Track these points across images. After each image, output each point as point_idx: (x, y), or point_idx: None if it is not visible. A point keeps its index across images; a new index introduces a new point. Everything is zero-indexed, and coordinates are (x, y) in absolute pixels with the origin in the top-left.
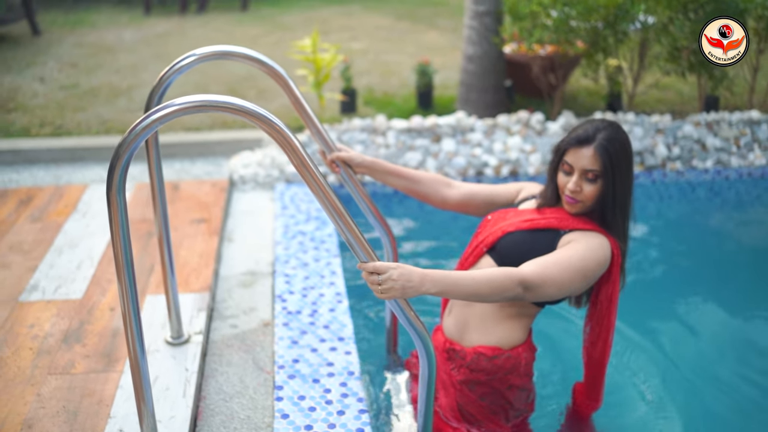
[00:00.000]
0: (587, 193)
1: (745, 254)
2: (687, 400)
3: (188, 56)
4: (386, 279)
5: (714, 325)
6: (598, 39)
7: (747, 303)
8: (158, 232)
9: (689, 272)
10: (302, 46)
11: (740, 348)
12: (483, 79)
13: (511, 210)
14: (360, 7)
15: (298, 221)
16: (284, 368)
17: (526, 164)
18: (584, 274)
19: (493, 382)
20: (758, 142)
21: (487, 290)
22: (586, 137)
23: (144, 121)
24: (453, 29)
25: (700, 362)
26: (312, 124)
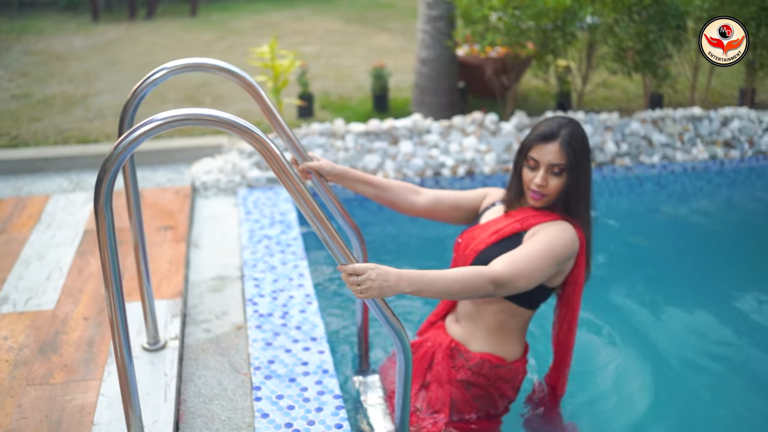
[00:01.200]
0: (552, 187)
1: (691, 243)
2: (648, 386)
3: (160, 69)
4: (365, 279)
5: (667, 310)
6: (548, 41)
7: (693, 287)
8: (133, 240)
9: (639, 262)
10: (261, 52)
11: (691, 330)
12: (437, 81)
13: (476, 228)
14: (310, 11)
15: (262, 225)
16: (260, 369)
17: (482, 164)
18: (553, 259)
19: (490, 387)
20: (701, 137)
21: (460, 288)
22: (551, 133)
23: (130, 136)
24: (403, 32)
25: (657, 347)
26: (284, 133)
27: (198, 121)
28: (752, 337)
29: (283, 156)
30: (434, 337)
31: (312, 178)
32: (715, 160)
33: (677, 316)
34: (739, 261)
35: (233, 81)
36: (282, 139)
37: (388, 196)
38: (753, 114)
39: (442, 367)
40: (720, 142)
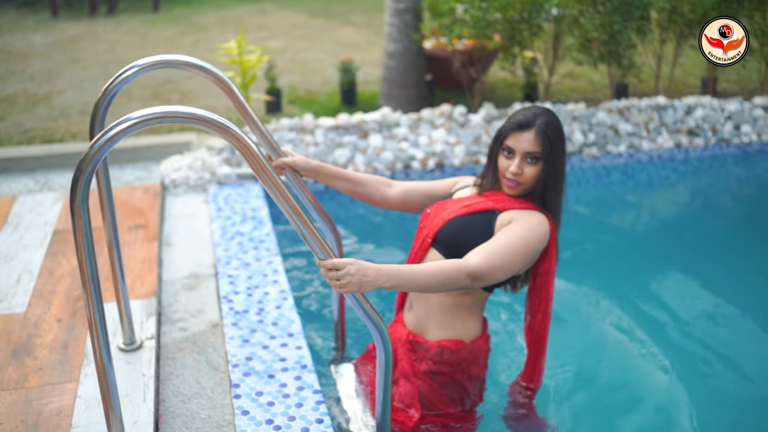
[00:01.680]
0: (528, 175)
1: (658, 231)
2: (619, 375)
3: (131, 67)
4: (344, 274)
5: (636, 298)
6: (515, 33)
7: (662, 274)
8: (107, 240)
9: (608, 250)
10: (228, 48)
11: (660, 316)
12: (405, 74)
13: (448, 200)
14: (273, 5)
15: (234, 222)
16: (238, 366)
17: (452, 156)
18: (527, 254)
19: (455, 373)
20: (666, 126)
21: (438, 282)
22: (527, 122)
23: (105, 135)
24: (368, 25)
25: (627, 334)
26: (257, 129)
27: (174, 119)
28: (723, 319)
29: (261, 152)
30: (394, 333)
31: (286, 174)
32: (680, 149)
33: (647, 303)
34: (706, 247)
35: (206, 77)
36: (255, 135)
37: (362, 189)
38: (715, 102)
39: (406, 361)
40: (684, 130)
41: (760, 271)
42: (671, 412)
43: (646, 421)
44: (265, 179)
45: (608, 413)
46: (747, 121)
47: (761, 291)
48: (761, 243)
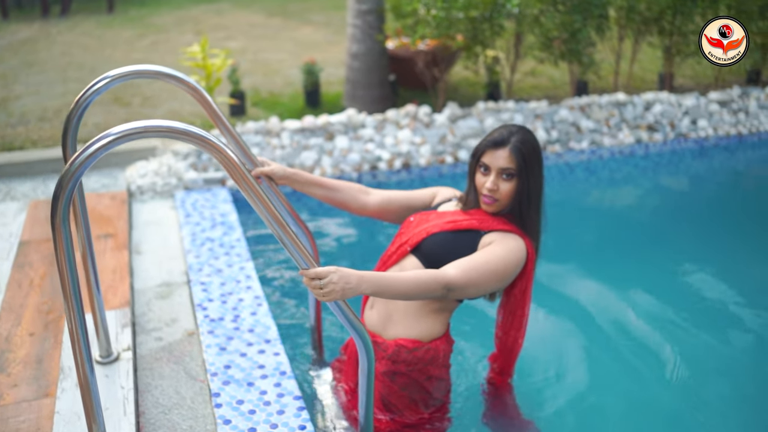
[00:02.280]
0: (504, 192)
1: (621, 225)
2: (591, 371)
3: (103, 78)
4: (327, 283)
5: (602, 291)
6: (477, 32)
7: (627, 267)
8: (81, 250)
9: (572, 246)
10: (192, 52)
11: (627, 309)
12: (369, 75)
13: (432, 212)
14: (230, 5)
15: (204, 228)
16: (217, 375)
17: (417, 156)
18: (503, 275)
19: (413, 373)
20: (626, 121)
21: (416, 291)
22: (501, 140)
23: (86, 151)
24: (327, 24)
25: (595, 329)
26: (232, 139)
27: (154, 133)
28: (689, 311)
29: (243, 164)
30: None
31: (262, 183)
32: (641, 144)
33: (611, 297)
34: (668, 240)
35: (180, 87)
36: (230, 144)
37: (338, 196)
38: (673, 98)
39: None
40: (644, 126)
41: (720, 261)
42: (654, 409)
43: (630, 420)
44: (248, 191)
45: (591, 412)
46: (703, 116)
47: (723, 280)
48: (721, 234)
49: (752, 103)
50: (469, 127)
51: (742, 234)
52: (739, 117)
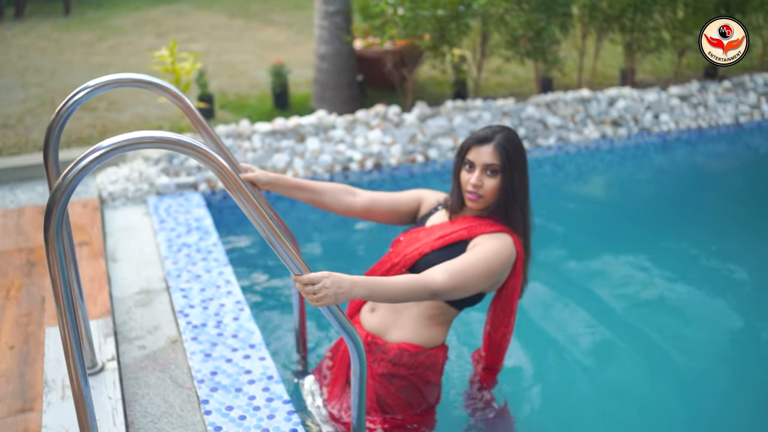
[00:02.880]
0: (488, 188)
1: (587, 218)
2: (568, 367)
3: (84, 88)
4: (320, 288)
5: (576, 286)
6: (444, 32)
7: (596, 261)
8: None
9: (541, 240)
10: (161, 56)
11: (598, 302)
12: (337, 76)
13: (422, 229)
14: (190, 6)
15: (179, 234)
16: (204, 382)
17: (388, 156)
18: (489, 275)
19: (413, 377)
20: (591, 117)
21: (406, 295)
22: (486, 137)
23: (78, 165)
24: (290, 25)
25: (568, 324)
26: (216, 146)
27: (146, 144)
28: (659, 301)
29: (237, 173)
30: (342, 342)
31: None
32: (606, 139)
33: (582, 289)
34: (635, 232)
35: (163, 95)
36: (214, 151)
37: (323, 199)
38: (635, 93)
39: None
40: (608, 121)
41: (687, 252)
42: (634, 403)
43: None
44: (241, 200)
45: (578, 407)
46: (665, 110)
47: (691, 270)
48: (686, 225)
49: (710, 97)
50: (439, 126)
51: (704, 224)
52: (699, 111)
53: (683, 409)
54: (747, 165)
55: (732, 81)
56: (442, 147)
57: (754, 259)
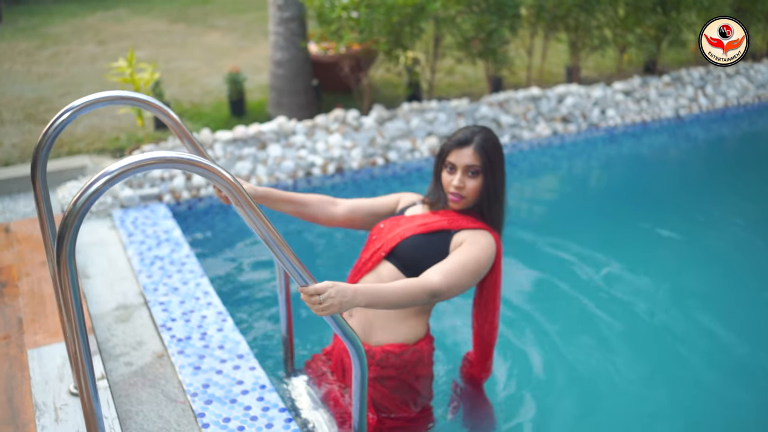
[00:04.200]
0: (470, 189)
1: (540, 214)
2: (552, 353)
3: (67, 110)
4: (326, 298)
5: (539, 281)
6: (399, 35)
7: (550, 256)
8: (53, 274)
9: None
10: (120, 68)
11: (551, 296)
12: (294, 82)
13: (402, 217)
14: (127, 12)
15: (150, 246)
16: (197, 395)
17: (349, 160)
18: (478, 273)
19: (402, 375)
20: (542, 115)
21: (405, 300)
22: (466, 139)
23: (88, 190)
24: (232, 29)
25: (526, 316)
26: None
27: (155, 165)
28: (618, 287)
29: (243, 189)
30: (338, 343)
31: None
32: (557, 135)
33: (542, 282)
34: (590, 226)
35: (153, 113)
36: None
37: (308, 210)
38: (582, 90)
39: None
40: (558, 118)
41: (639, 242)
42: (619, 399)
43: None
44: (248, 214)
45: (564, 401)
46: (611, 106)
47: (640, 263)
48: (637, 215)
49: (652, 92)
50: (397, 128)
51: (652, 214)
52: (642, 105)
53: (658, 390)
54: (687, 155)
55: (671, 76)
56: (401, 149)
57: (691, 241)
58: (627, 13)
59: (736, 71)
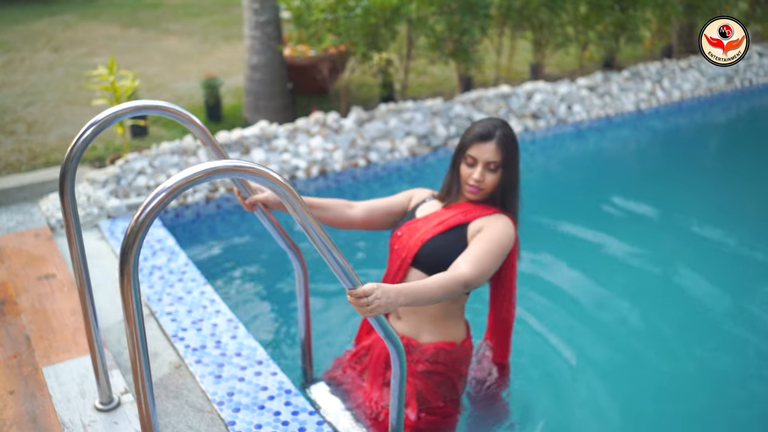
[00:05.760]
0: (489, 182)
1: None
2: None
3: (92, 124)
4: (373, 300)
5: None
6: (376, 38)
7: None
8: (79, 286)
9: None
10: (102, 75)
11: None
12: (270, 86)
13: (418, 220)
14: (74, 16)
15: (145, 256)
16: (224, 404)
17: (332, 162)
18: (502, 255)
19: (449, 372)
20: (513, 112)
21: (442, 294)
22: (488, 133)
23: (147, 208)
24: (188, 33)
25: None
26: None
27: (216, 175)
28: (599, 289)
29: (297, 193)
30: (378, 340)
31: (257, 209)
32: (528, 131)
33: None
34: (558, 217)
35: (179, 121)
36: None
37: (327, 214)
38: (549, 87)
39: None
40: (528, 114)
41: (615, 233)
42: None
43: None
44: (303, 219)
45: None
46: (576, 101)
47: (617, 251)
48: (605, 208)
49: (614, 87)
50: (376, 129)
51: (617, 206)
52: (606, 100)
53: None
54: (647, 147)
55: (630, 71)
56: (381, 150)
57: (653, 229)
58: (589, 11)
59: (689, 65)
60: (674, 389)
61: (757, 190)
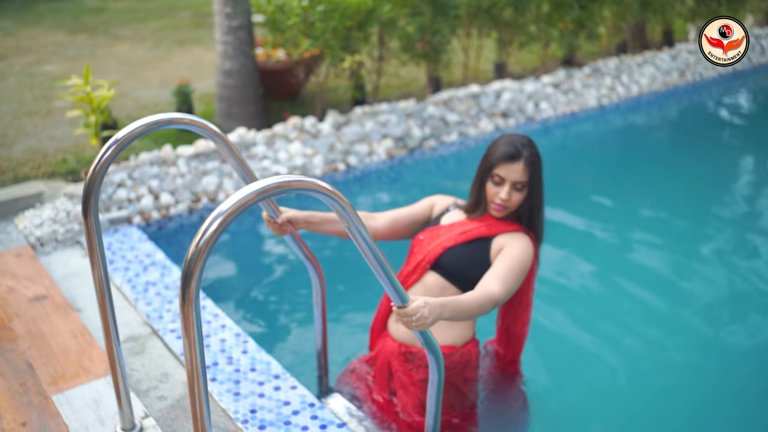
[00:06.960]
0: (515, 201)
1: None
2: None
3: (114, 142)
4: (420, 316)
5: None
6: (351, 40)
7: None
8: (101, 308)
9: None
10: (77, 86)
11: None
12: (244, 91)
13: (442, 227)
14: (13, 23)
15: (137, 273)
16: (248, 422)
17: (312, 167)
18: (523, 273)
19: (451, 377)
20: (483, 111)
21: (477, 311)
22: (516, 153)
23: (207, 233)
24: (140, 38)
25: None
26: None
27: (273, 192)
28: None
29: (355, 212)
30: (383, 347)
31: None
32: (499, 130)
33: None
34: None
35: (203, 135)
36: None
37: None
38: (516, 85)
39: (402, 372)
40: (498, 113)
41: (588, 226)
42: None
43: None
44: (358, 236)
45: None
46: (543, 99)
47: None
48: (575, 203)
49: (576, 83)
50: (354, 132)
51: (578, 197)
52: (570, 96)
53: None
54: (609, 141)
55: (590, 67)
56: (359, 153)
57: (618, 219)
58: (551, 9)
59: (644, 60)
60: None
61: (707, 175)
